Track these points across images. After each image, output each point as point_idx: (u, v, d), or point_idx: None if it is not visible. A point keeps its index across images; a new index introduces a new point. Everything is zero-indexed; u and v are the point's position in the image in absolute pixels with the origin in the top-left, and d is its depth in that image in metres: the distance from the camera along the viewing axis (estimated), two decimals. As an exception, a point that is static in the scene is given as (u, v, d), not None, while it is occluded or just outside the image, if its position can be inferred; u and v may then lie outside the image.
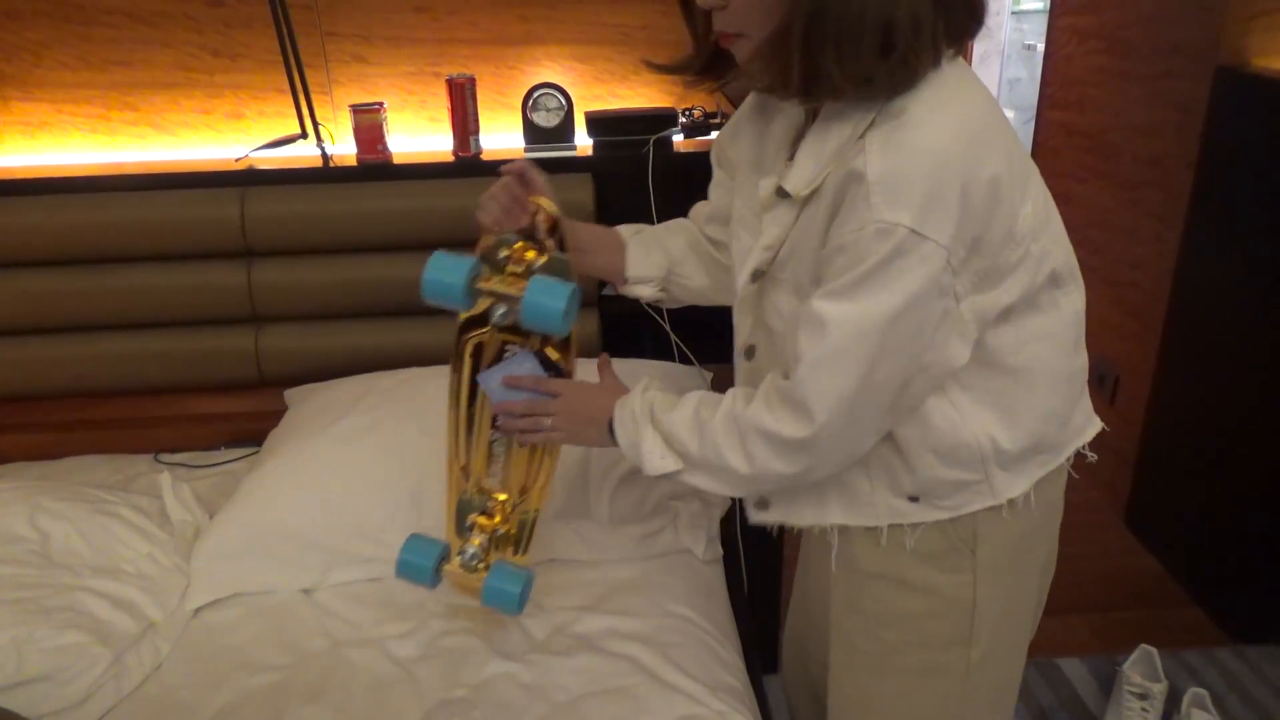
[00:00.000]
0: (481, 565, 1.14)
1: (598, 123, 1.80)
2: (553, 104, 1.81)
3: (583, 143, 1.83)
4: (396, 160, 1.75)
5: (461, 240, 1.66)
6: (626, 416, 1.01)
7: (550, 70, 1.87)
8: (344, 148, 1.82)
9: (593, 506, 1.37)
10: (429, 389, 1.43)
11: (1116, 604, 2.23)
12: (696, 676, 1.13)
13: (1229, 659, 2.00)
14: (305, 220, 1.65)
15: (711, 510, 1.42)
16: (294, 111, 1.77)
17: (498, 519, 1.14)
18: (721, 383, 1.75)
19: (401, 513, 1.34)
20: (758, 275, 0.93)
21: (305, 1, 1.77)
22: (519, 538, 1.16)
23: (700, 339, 1.80)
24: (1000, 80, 4.30)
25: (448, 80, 1.73)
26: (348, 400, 1.49)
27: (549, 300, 0.99)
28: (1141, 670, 1.87)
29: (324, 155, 1.79)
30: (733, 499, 1.43)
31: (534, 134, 1.81)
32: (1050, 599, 1.12)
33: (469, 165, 1.74)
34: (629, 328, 1.81)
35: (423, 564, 1.13)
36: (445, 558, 1.15)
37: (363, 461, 1.38)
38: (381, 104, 1.72)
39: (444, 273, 1.03)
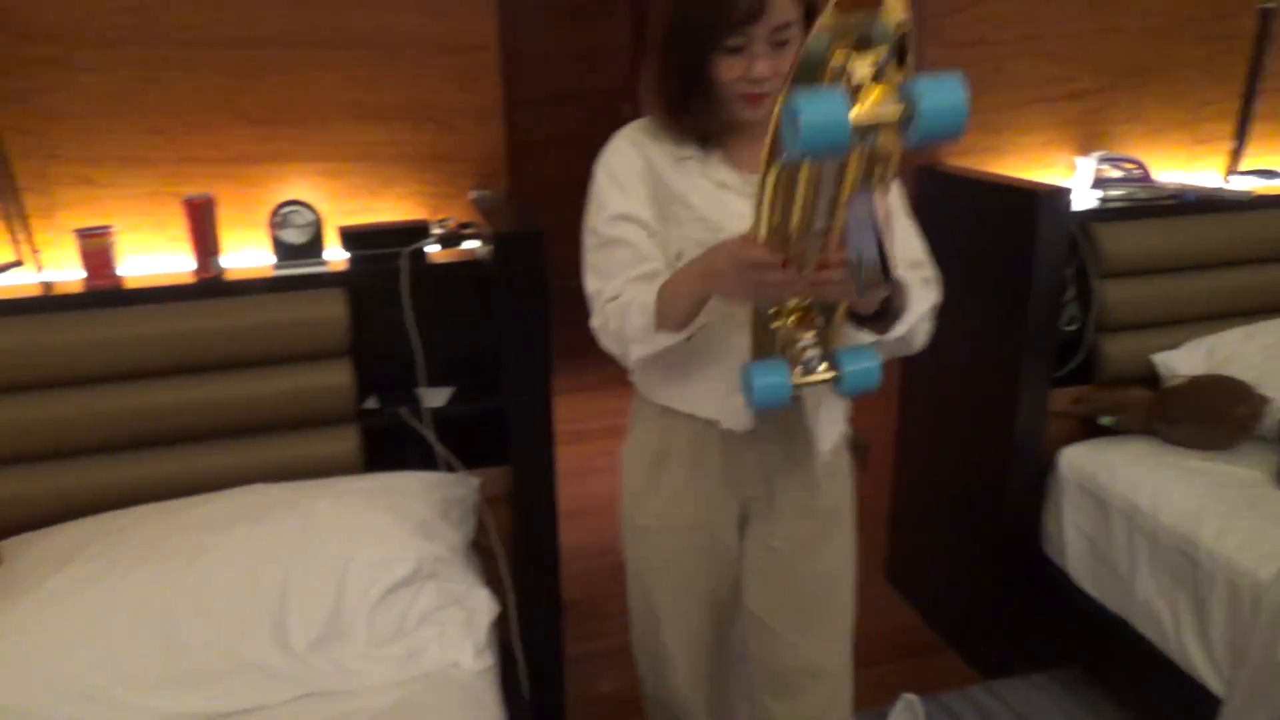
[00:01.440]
0: (824, 366, 1.06)
1: (351, 237, 1.81)
2: (301, 220, 1.80)
3: (338, 257, 1.83)
4: (132, 284, 1.68)
5: (207, 365, 1.62)
6: None
7: (299, 187, 1.87)
8: (72, 273, 1.73)
9: (350, 627, 1.33)
10: (168, 524, 1.35)
11: (883, 658, 2.39)
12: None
13: (981, 695, 2.18)
14: (24, 353, 1.54)
15: (477, 617, 1.42)
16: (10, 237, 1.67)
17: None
18: (490, 487, 1.77)
19: (135, 666, 1.24)
20: None
21: (24, 126, 1.68)
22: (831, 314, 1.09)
23: (465, 446, 1.81)
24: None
25: (184, 201, 1.69)
26: (68, 547, 1.38)
27: (951, 95, 0.81)
28: (905, 719, 2.01)
29: (45, 283, 1.69)
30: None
31: (284, 251, 1.79)
32: None
33: (209, 287, 1.69)
34: (390, 440, 1.80)
35: (780, 381, 1.03)
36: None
37: (83, 617, 1.27)
38: (109, 227, 1.65)
39: (821, 111, 0.82)
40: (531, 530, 1.76)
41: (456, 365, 1.88)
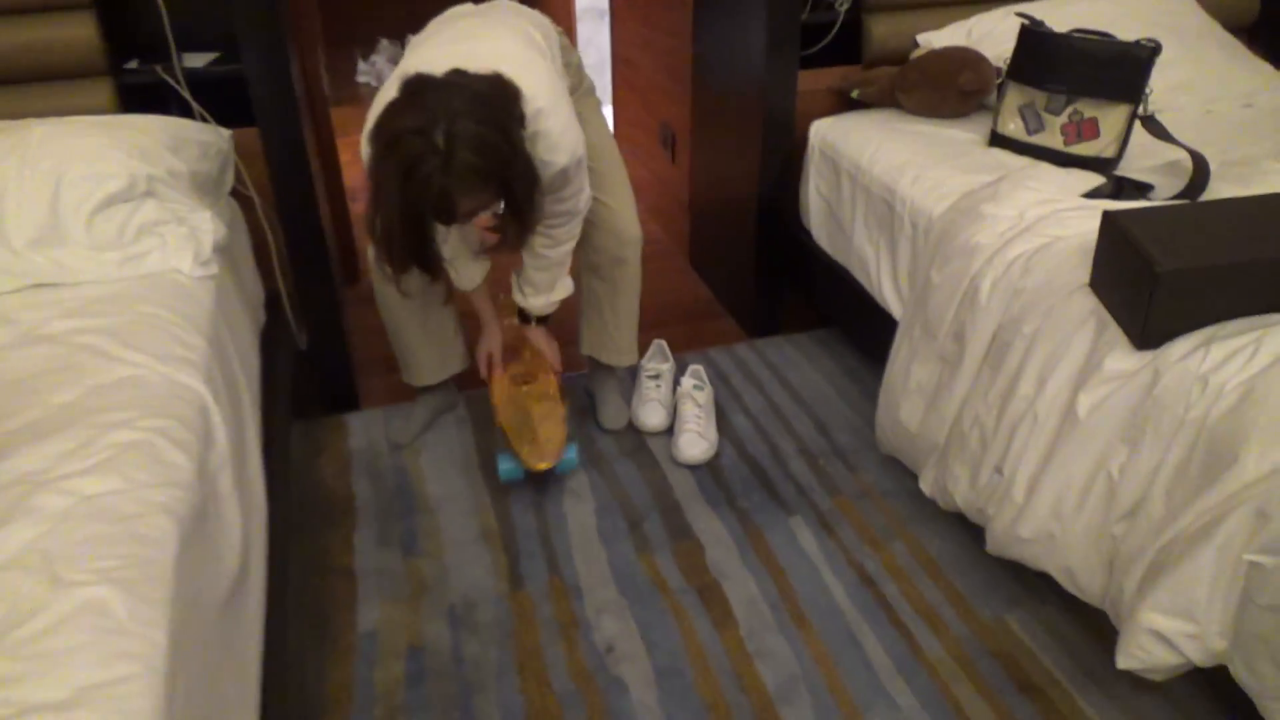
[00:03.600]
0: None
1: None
2: None
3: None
4: None
5: None
6: None
7: None
8: None
9: (68, 232, 1.49)
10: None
11: (673, 321, 2.65)
12: (146, 350, 1.32)
13: (744, 350, 2.46)
14: None
15: (200, 235, 1.58)
16: None
17: None
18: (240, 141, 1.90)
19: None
20: None
21: None
22: None
23: (220, 104, 1.91)
24: None
25: None
26: None
27: None
28: (655, 360, 2.29)
29: None
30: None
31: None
32: None
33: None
34: (151, 94, 1.89)
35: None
36: None
37: None
38: None
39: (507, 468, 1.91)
40: (283, 179, 1.91)
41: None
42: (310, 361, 2.12)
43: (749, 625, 1.64)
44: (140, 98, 1.88)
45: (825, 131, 2.22)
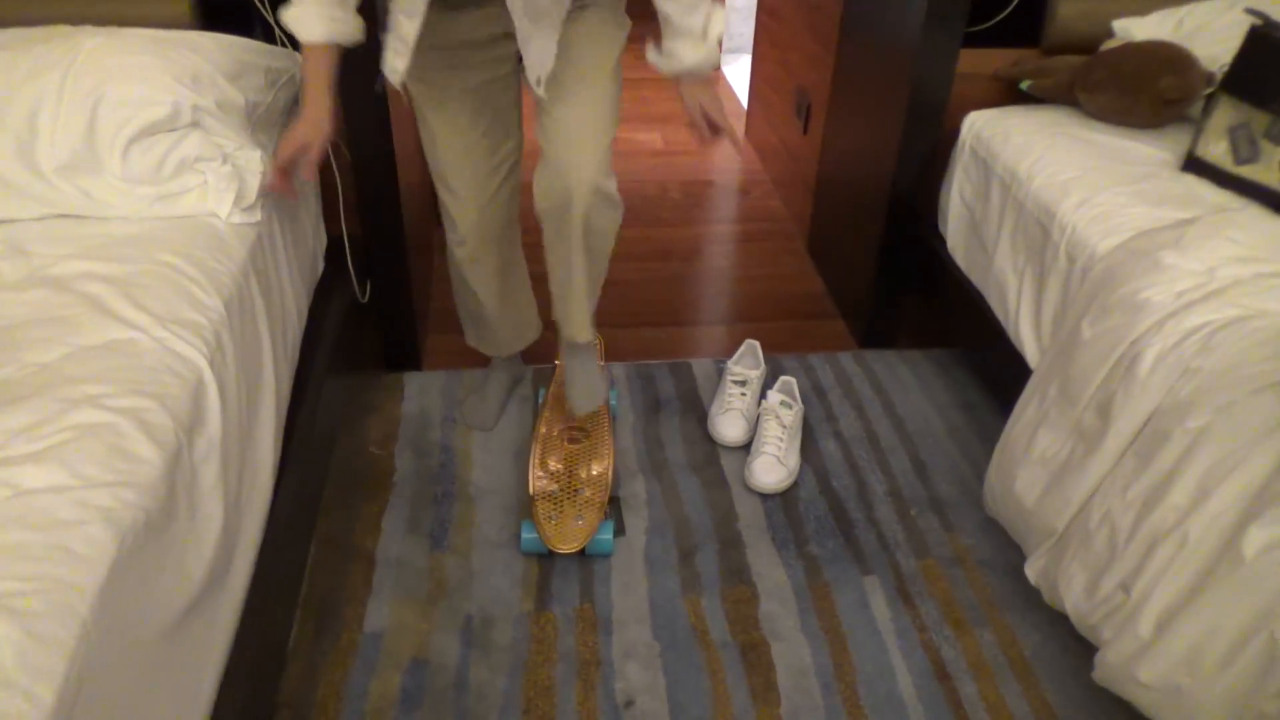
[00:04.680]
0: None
1: None
2: None
3: None
4: None
5: None
6: None
7: None
8: None
9: (102, 161, 1.35)
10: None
11: (778, 316, 2.38)
12: (150, 310, 1.18)
13: (849, 361, 2.18)
14: None
15: (247, 177, 1.42)
16: None
17: None
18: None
19: None
20: None
21: None
22: None
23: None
24: None
25: None
26: None
27: None
28: (745, 363, 2.04)
29: None
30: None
31: None
32: (721, 312, 1.71)
33: None
34: (234, 7, 1.74)
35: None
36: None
37: None
38: None
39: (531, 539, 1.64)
40: (357, 112, 1.73)
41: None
42: (371, 314, 1.97)
43: (792, 704, 1.41)
44: (222, 10, 1.73)
45: (982, 126, 1.88)
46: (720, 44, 1.49)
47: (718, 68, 1.52)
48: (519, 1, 1.33)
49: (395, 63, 1.41)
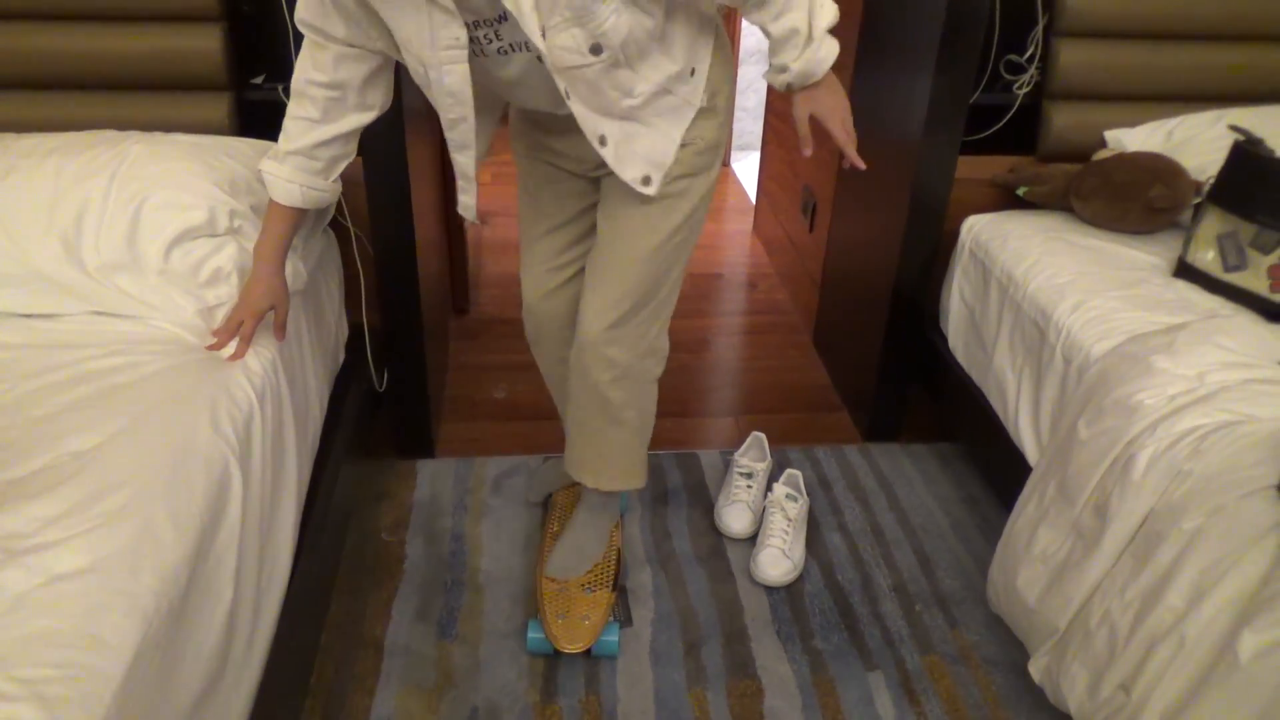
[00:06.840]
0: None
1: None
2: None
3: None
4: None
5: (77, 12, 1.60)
6: None
7: None
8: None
9: (144, 261, 1.42)
10: (3, 149, 1.43)
11: (784, 408, 2.43)
12: (182, 401, 1.23)
13: (854, 454, 2.22)
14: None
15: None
16: None
17: None
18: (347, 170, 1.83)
19: None
20: (598, 50, 1.16)
21: None
22: None
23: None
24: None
25: None
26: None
27: None
28: (751, 455, 2.08)
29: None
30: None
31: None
32: (728, 404, 1.58)
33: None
34: (273, 112, 1.84)
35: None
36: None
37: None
38: None
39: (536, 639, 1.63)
40: (381, 209, 1.81)
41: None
42: (387, 402, 2.03)
43: (797, 802, 1.41)
44: (262, 115, 1.84)
45: (980, 229, 1.96)
46: (831, 34, 1.28)
47: (829, 64, 1.30)
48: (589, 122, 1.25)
49: (464, 199, 1.37)
